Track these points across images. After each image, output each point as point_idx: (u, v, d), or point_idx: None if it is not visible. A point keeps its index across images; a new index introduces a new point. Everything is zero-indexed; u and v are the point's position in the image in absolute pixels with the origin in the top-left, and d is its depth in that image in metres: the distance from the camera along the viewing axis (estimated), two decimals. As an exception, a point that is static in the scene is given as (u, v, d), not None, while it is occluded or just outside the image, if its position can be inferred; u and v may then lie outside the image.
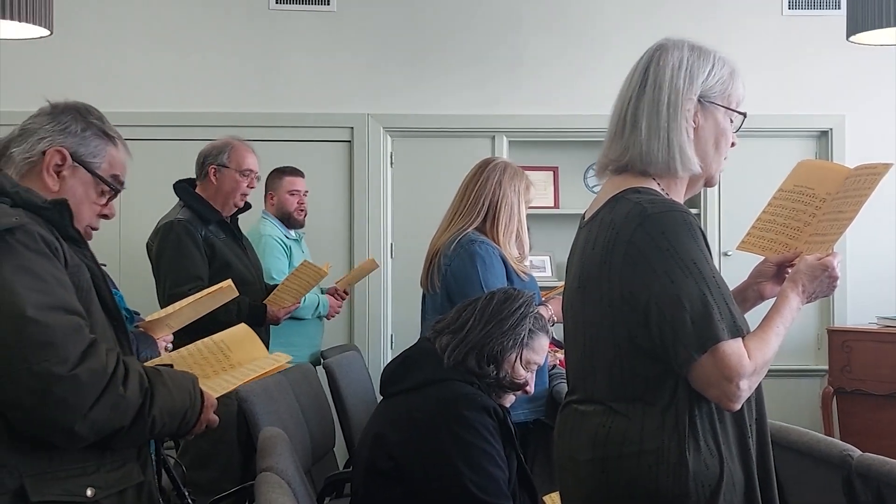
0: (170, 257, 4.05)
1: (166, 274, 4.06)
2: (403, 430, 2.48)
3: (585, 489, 1.97)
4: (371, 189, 5.80)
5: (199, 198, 4.20)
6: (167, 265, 4.05)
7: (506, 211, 3.57)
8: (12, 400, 1.85)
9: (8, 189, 2.00)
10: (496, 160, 3.71)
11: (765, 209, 2.28)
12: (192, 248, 4.04)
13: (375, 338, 5.80)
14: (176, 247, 4.04)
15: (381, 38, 5.81)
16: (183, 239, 4.04)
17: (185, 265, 4.01)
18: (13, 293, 1.86)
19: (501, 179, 3.59)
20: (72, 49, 5.44)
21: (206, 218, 4.15)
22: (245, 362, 2.38)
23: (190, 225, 4.08)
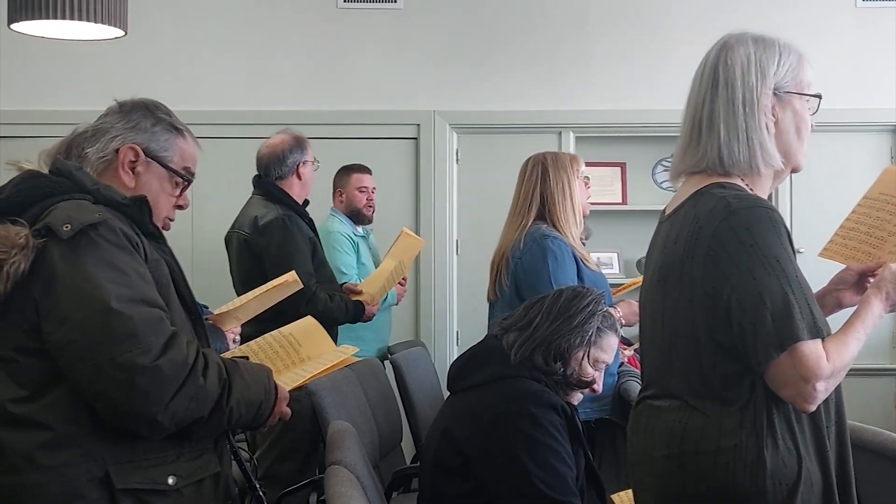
0: (288, 253, 4.05)
1: (284, 269, 4.06)
2: (471, 426, 2.48)
3: (660, 485, 1.96)
4: (437, 186, 5.82)
5: (288, 195, 4.23)
6: (285, 261, 3.99)
7: (559, 192, 3.58)
8: (97, 390, 1.91)
9: (89, 187, 2.05)
10: (535, 154, 3.72)
11: (848, 217, 2.24)
12: (303, 245, 4.11)
13: (441, 334, 5.81)
14: (292, 243, 4.08)
15: (448, 34, 5.82)
16: (296, 235, 4.10)
17: (300, 261, 4.04)
18: (97, 286, 1.91)
19: (546, 166, 3.61)
20: (145, 49, 5.53)
21: (301, 215, 4.21)
22: (314, 356, 2.40)
23: (297, 221, 4.14)
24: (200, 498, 2.06)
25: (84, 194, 2.04)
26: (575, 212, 3.60)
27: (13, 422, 1.95)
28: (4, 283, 1.91)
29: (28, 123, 5.47)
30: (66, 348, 1.91)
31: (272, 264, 4.03)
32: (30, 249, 1.92)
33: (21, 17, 3.71)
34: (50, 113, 5.32)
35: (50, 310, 1.93)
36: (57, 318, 1.92)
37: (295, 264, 3.98)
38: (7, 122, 5.59)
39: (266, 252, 4.11)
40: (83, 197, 2.03)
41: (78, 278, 1.92)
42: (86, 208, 1.99)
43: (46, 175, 2.08)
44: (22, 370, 1.96)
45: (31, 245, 1.93)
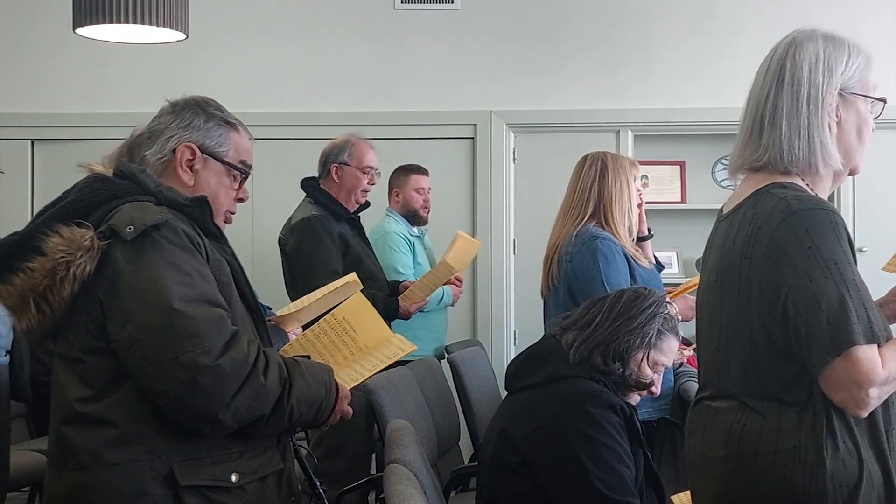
0: (308, 252, 4.13)
1: (305, 268, 4.15)
2: (529, 425, 2.48)
3: (718, 486, 1.94)
4: (493, 185, 5.81)
5: (328, 195, 4.29)
6: (306, 260, 4.14)
7: (616, 194, 3.55)
8: (161, 389, 1.94)
9: (152, 189, 2.09)
10: (594, 152, 3.70)
11: None
12: (329, 244, 4.14)
13: (498, 333, 5.80)
14: (315, 242, 4.14)
15: (505, 34, 5.82)
16: (321, 234, 4.14)
17: (323, 260, 4.10)
18: (160, 287, 1.94)
19: (605, 165, 3.58)
20: (204, 52, 5.60)
21: (337, 214, 4.24)
22: (371, 344, 2.38)
23: (326, 221, 4.17)
24: (264, 495, 2.09)
25: (147, 196, 2.07)
26: (628, 215, 3.57)
27: (81, 420, 1.99)
28: (71, 285, 1.95)
29: (92, 126, 5.58)
30: (130, 348, 1.95)
31: (293, 263, 4.19)
32: (95, 251, 1.96)
33: (85, 22, 3.78)
34: (113, 115, 5.41)
35: (115, 310, 1.97)
36: (121, 319, 1.96)
37: (315, 263, 4.07)
38: (73, 125, 5.70)
39: (290, 251, 4.22)
40: (146, 199, 2.06)
41: (141, 279, 1.96)
42: (149, 210, 2.02)
43: (111, 178, 2.11)
44: (88, 369, 2.00)
45: (96, 247, 1.97)
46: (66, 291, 1.96)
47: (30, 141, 5.77)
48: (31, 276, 1.97)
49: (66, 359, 2.04)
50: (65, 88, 5.76)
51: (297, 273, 4.21)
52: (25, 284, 1.98)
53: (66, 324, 2.03)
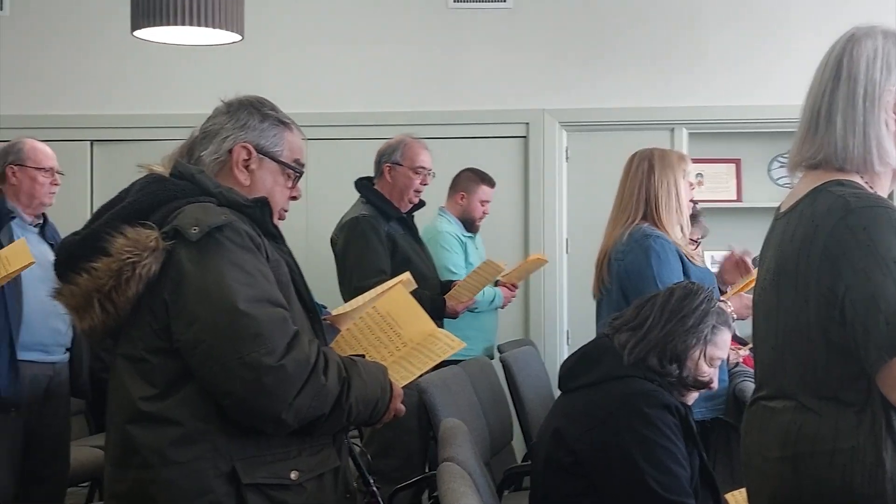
0: (356, 252, 4.18)
1: (352, 267, 4.20)
2: (583, 425, 2.47)
3: (774, 487, 1.92)
4: (546, 184, 5.80)
5: (379, 194, 4.32)
6: (353, 259, 4.19)
7: (664, 192, 3.51)
8: (226, 389, 1.96)
9: (212, 189, 2.10)
10: (642, 150, 3.65)
11: None
12: (376, 243, 4.17)
13: (551, 333, 5.79)
14: (362, 241, 4.18)
15: (558, 32, 5.80)
16: (368, 234, 4.18)
17: (370, 259, 4.14)
18: (225, 287, 1.96)
19: (652, 163, 3.53)
20: (260, 53, 5.65)
21: (387, 214, 4.28)
22: (417, 338, 2.37)
23: (374, 220, 4.21)
24: (321, 492, 2.10)
25: (208, 197, 2.09)
26: (679, 212, 3.53)
27: (145, 419, 2.01)
28: (136, 285, 1.97)
29: (150, 127, 5.66)
30: (195, 348, 1.97)
31: (341, 262, 4.26)
32: (160, 251, 1.98)
33: (143, 24, 3.84)
34: (171, 116, 5.49)
35: (179, 310, 1.98)
36: (186, 319, 1.98)
37: (362, 262, 4.12)
38: (131, 126, 5.79)
39: (339, 251, 4.28)
40: (208, 200, 2.08)
41: (206, 279, 1.97)
42: (212, 211, 2.04)
43: (169, 179, 2.13)
44: (152, 369, 2.02)
45: (161, 247, 1.98)
46: (132, 292, 1.98)
47: (89, 142, 5.88)
48: (96, 277, 1.98)
49: (130, 358, 2.06)
50: (123, 90, 5.85)
51: (345, 272, 4.26)
52: (90, 284, 2.00)
53: (130, 324, 2.04)
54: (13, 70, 5.86)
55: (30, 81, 5.86)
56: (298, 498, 2.04)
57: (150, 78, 5.84)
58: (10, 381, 3.64)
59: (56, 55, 5.85)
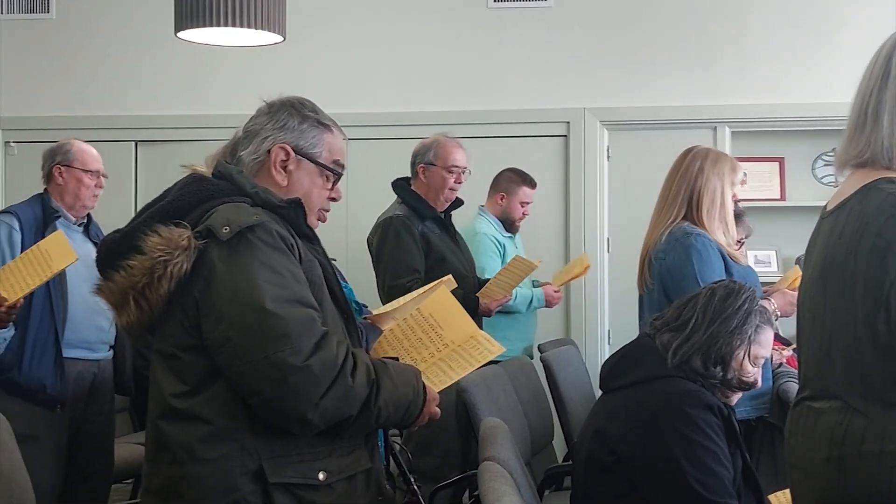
0: (389, 251, 4.23)
1: (386, 267, 4.25)
2: (624, 425, 2.46)
3: (820, 489, 1.90)
4: (587, 184, 5.77)
5: (415, 194, 4.36)
6: (387, 259, 4.24)
7: (708, 196, 3.47)
8: (252, 388, 1.97)
9: (248, 190, 2.12)
10: (698, 148, 3.61)
11: None
12: (409, 243, 4.21)
13: (592, 333, 5.76)
14: (394, 241, 4.22)
15: (599, 31, 5.78)
16: (401, 233, 4.21)
17: (402, 258, 4.19)
18: (254, 287, 1.97)
19: (703, 165, 3.49)
20: (301, 53, 5.68)
21: (422, 214, 4.31)
22: (458, 340, 2.37)
23: (407, 220, 4.24)
24: (352, 494, 2.10)
25: (243, 197, 2.10)
26: (724, 219, 3.49)
27: (175, 415, 2.03)
28: (168, 283, 1.99)
29: (193, 127, 5.71)
30: (223, 346, 1.98)
31: (375, 262, 4.32)
32: (192, 250, 2.00)
33: (187, 26, 3.88)
34: (213, 117, 5.54)
35: (209, 308, 2.00)
36: (215, 317, 1.99)
37: (395, 262, 4.17)
38: (174, 127, 5.85)
39: (373, 251, 4.34)
40: (243, 199, 2.09)
41: (236, 279, 1.99)
42: (244, 211, 2.05)
43: (209, 178, 2.15)
44: (183, 366, 2.04)
45: (193, 246, 2.00)
46: (164, 289, 2.00)
47: (134, 142, 5.94)
48: (131, 274, 2.01)
49: (163, 355, 2.09)
50: (167, 91, 5.91)
51: (379, 272, 4.31)
52: (126, 282, 2.03)
53: (163, 320, 2.07)
54: (60, 72, 5.94)
55: (76, 83, 5.93)
56: (327, 499, 2.04)
57: (193, 79, 5.89)
58: (55, 378, 3.69)
59: (101, 57, 5.93)
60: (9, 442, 2.65)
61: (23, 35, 5.94)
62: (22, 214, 3.77)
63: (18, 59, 5.94)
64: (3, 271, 3.32)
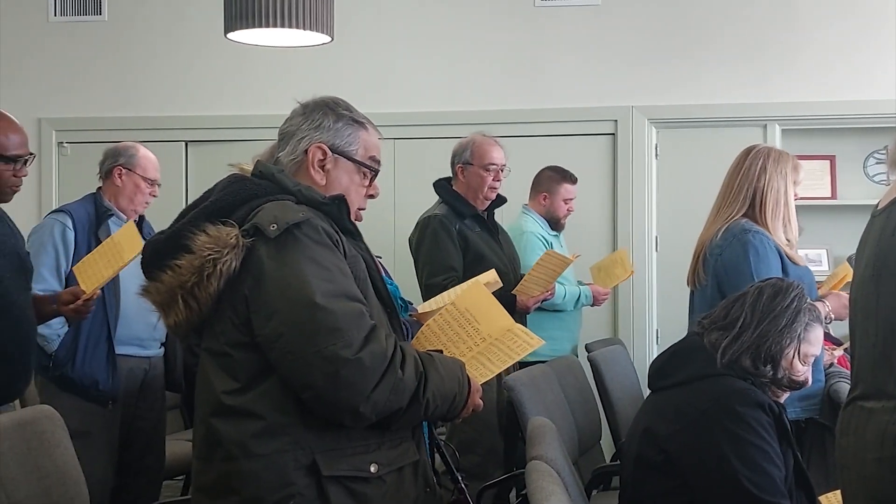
0: (426, 250, 4.30)
1: (423, 265, 4.32)
2: (674, 423, 2.45)
3: (872, 489, 1.88)
4: (635, 182, 5.74)
5: (454, 194, 4.39)
6: (424, 257, 4.31)
7: (772, 196, 3.44)
8: (305, 382, 1.99)
9: (291, 188, 2.15)
10: (759, 146, 3.58)
11: None
12: (446, 241, 4.26)
13: (640, 332, 5.73)
14: (431, 240, 4.28)
15: (646, 28, 5.74)
16: (438, 232, 4.27)
17: (439, 257, 4.25)
18: (303, 282, 1.99)
19: (766, 164, 3.46)
20: (348, 54, 5.71)
21: (461, 212, 4.34)
22: (495, 333, 2.37)
23: (445, 219, 4.29)
24: (401, 485, 2.12)
25: (287, 195, 2.13)
26: (787, 219, 3.46)
27: (228, 412, 2.05)
28: (217, 281, 2.02)
29: (243, 127, 5.76)
30: (275, 342, 2.00)
31: (414, 260, 4.38)
32: (240, 248, 2.02)
33: (237, 27, 3.92)
34: (262, 117, 5.58)
35: (259, 305, 2.02)
36: (266, 314, 2.01)
37: (432, 260, 4.23)
38: (224, 127, 5.90)
39: (413, 250, 4.40)
40: (286, 197, 2.12)
41: (285, 275, 2.01)
42: (290, 208, 2.07)
43: (250, 178, 2.18)
44: (234, 363, 2.06)
45: (241, 244, 2.03)
46: (213, 288, 2.03)
47: (184, 143, 6.01)
48: (180, 273, 2.04)
49: (213, 353, 2.11)
50: (217, 92, 5.97)
51: (418, 270, 4.36)
52: (174, 281, 2.05)
53: (213, 319, 2.09)
54: (112, 73, 6.02)
55: (127, 84, 6.01)
56: (378, 490, 2.07)
57: (242, 79, 5.94)
58: (107, 375, 3.74)
59: (152, 58, 6.00)
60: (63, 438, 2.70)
61: (76, 37, 6.03)
62: (75, 213, 3.83)
63: (71, 61, 6.03)
64: (81, 266, 3.39)
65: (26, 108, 5.83)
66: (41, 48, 6.03)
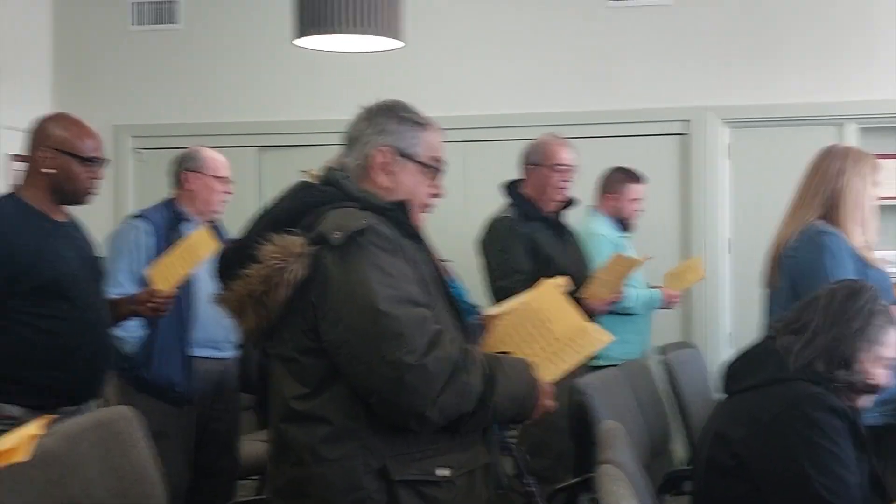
0: (494, 253, 4.29)
1: (491, 268, 4.33)
2: (747, 428, 2.42)
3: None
4: (707, 183, 5.67)
5: (522, 196, 4.37)
6: (491, 260, 4.32)
7: (850, 197, 3.37)
8: (371, 387, 2.02)
9: (355, 194, 2.18)
10: (838, 146, 3.52)
11: None
12: (513, 244, 4.24)
13: (713, 335, 5.66)
14: (499, 243, 4.28)
15: (718, 27, 5.67)
16: (505, 235, 4.27)
17: (506, 260, 4.23)
18: (367, 289, 2.02)
19: (844, 165, 3.39)
20: (418, 58, 5.71)
21: (530, 215, 4.32)
22: (567, 333, 2.36)
23: (513, 222, 4.28)
24: (472, 488, 2.14)
25: (351, 201, 2.16)
26: (863, 222, 3.39)
27: (297, 417, 2.09)
28: (285, 289, 2.06)
29: (313, 133, 5.82)
30: (341, 348, 2.04)
31: (482, 264, 4.35)
32: (306, 256, 2.06)
33: (308, 33, 3.97)
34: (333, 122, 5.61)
35: (326, 312, 2.06)
36: (332, 320, 2.05)
37: (499, 264, 4.22)
38: (295, 132, 5.97)
39: (481, 254, 4.37)
40: (351, 204, 2.15)
41: (350, 282, 2.04)
42: (353, 215, 2.11)
43: (316, 185, 2.23)
44: (303, 369, 2.10)
45: (307, 252, 2.06)
46: (281, 296, 2.07)
47: (256, 148, 6.09)
48: (249, 283, 2.09)
49: (282, 358, 2.15)
50: (288, 97, 6.04)
51: (486, 274, 4.33)
52: (244, 290, 2.10)
53: (282, 325, 2.13)
54: (187, 80, 6.13)
55: (202, 91, 6.12)
56: (448, 494, 2.08)
57: (313, 85, 6.00)
58: (183, 376, 3.81)
59: (226, 66, 6.09)
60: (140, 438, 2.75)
61: (152, 46, 6.15)
62: (152, 218, 3.91)
63: (147, 69, 6.15)
64: (156, 267, 3.47)
65: (104, 115, 5.97)
66: (119, 57, 6.17)
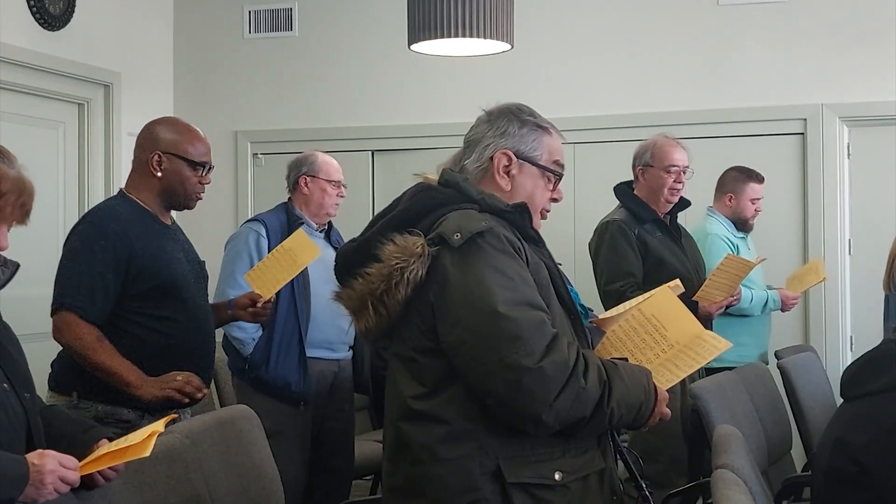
0: (604, 256, 4.24)
1: (601, 271, 4.27)
2: (869, 434, 2.35)
3: None
4: (826, 183, 5.52)
5: (634, 198, 4.32)
6: (602, 263, 4.26)
7: None
8: (488, 389, 2.03)
9: (475, 196, 2.19)
10: None
11: None
12: (624, 247, 4.19)
13: (833, 339, 5.51)
14: (609, 246, 4.23)
15: (835, 22, 5.51)
16: (616, 238, 4.21)
17: (617, 263, 4.18)
18: (486, 291, 2.03)
19: None
20: (527, 60, 5.73)
21: (641, 217, 4.27)
22: (683, 340, 2.32)
23: (624, 224, 4.22)
24: (586, 493, 2.12)
25: (471, 203, 2.17)
26: None
27: (415, 417, 2.11)
28: (405, 289, 2.08)
29: (426, 136, 5.88)
30: (459, 349, 2.05)
31: (593, 266, 4.34)
32: (426, 257, 2.08)
33: (420, 38, 4.02)
34: (445, 126, 5.67)
35: (444, 312, 2.07)
36: (450, 321, 2.06)
37: (610, 266, 4.19)
38: (408, 136, 6.04)
39: (592, 256, 4.36)
40: (470, 206, 2.16)
41: (468, 283, 2.05)
42: (473, 217, 2.11)
43: (436, 187, 2.24)
44: (421, 368, 2.12)
45: (427, 253, 2.08)
46: (401, 295, 2.09)
47: (370, 152, 6.18)
48: (370, 281, 2.11)
49: (401, 358, 2.17)
50: (401, 102, 6.11)
51: (597, 276, 4.32)
52: (365, 288, 2.13)
53: (401, 325, 2.15)
54: (303, 87, 6.25)
55: (316, 97, 6.23)
56: (563, 498, 2.08)
57: (425, 89, 6.06)
58: (299, 376, 3.90)
59: (339, 71, 6.19)
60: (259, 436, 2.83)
61: (268, 53, 6.29)
62: (268, 222, 4.01)
63: (264, 76, 6.30)
64: (255, 272, 3.54)
65: (224, 121, 6.15)
66: (236, 64, 6.33)
